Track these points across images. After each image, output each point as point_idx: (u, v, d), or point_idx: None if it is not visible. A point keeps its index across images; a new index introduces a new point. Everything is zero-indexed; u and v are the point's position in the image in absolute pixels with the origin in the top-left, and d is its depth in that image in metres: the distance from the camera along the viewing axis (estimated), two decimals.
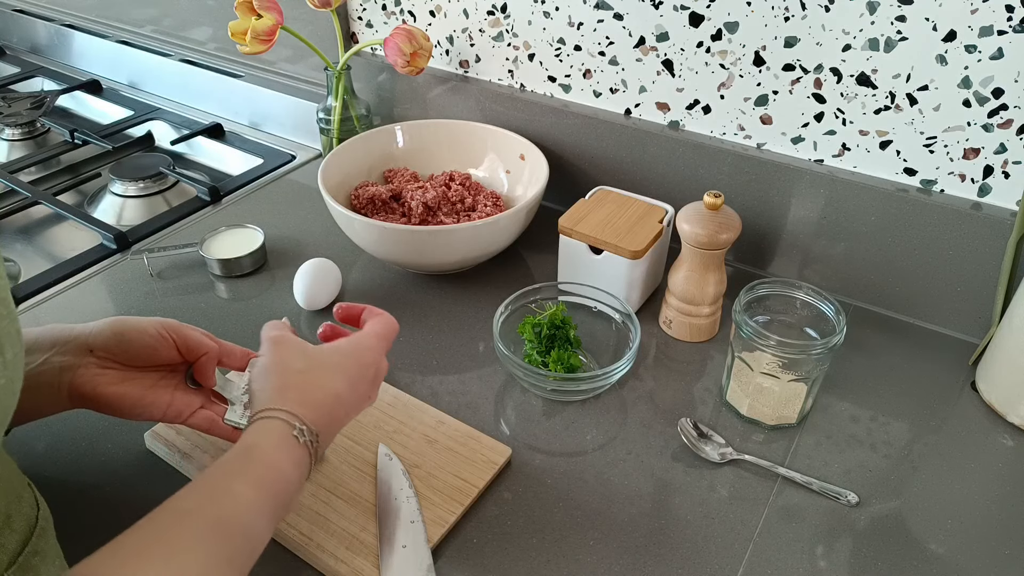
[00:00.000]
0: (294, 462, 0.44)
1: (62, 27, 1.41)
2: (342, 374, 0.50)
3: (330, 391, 0.49)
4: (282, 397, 0.47)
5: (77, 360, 0.53)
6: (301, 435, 0.45)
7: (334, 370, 0.50)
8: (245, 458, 0.43)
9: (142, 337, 0.54)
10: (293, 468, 0.44)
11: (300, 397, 0.47)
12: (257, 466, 0.42)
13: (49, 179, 1.08)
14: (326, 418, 0.47)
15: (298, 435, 0.45)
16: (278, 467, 0.43)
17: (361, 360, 0.52)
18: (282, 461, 0.43)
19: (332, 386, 0.49)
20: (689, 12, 0.78)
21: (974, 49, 0.67)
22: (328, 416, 0.48)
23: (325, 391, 0.49)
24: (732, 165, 0.82)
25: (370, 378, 0.52)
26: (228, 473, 0.42)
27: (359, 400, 0.52)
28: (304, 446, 0.45)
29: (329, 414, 0.48)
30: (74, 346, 0.53)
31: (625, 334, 0.72)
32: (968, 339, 0.77)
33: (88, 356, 0.53)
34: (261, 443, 0.44)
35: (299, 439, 0.44)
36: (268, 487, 0.42)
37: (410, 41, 0.89)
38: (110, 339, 0.54)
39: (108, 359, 0.54)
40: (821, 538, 0.58)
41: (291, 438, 0.44)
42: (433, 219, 0.85)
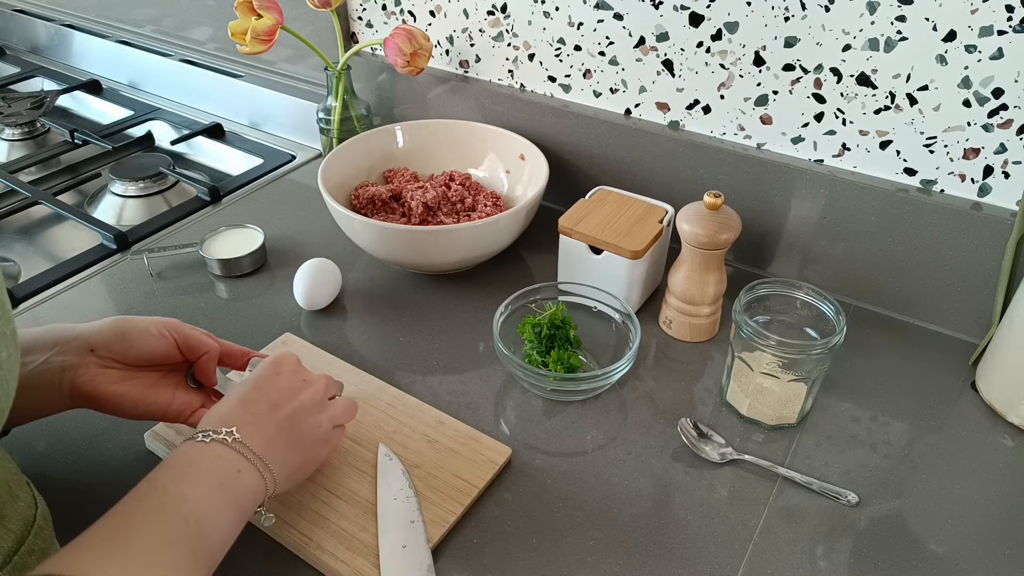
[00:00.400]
0: (217, 459, 0.48)
1: (62, 27, 1.41)
2: (246, 390, 0.54)
3: (234, 401, 0.52)
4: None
5: (78, 359, 0.53)
6: (206, 437, 0.48)
7: (237, 389, 0.54)
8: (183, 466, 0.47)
9: (143, 336, 0.55)
10: (209, 462, 0.47)
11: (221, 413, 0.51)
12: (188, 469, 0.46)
13: (49, 179, 1.08)
14: (242, 418, 0.51)
15: (203, 438, 0.48)
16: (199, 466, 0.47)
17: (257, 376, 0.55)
18: (204, 462, 0.47)
19: (237, 398, 0.53)
20: (689, 12, 0.78)
21: (974, 49, 0.67)
22: (244, 415, 0.51)
23: (229, 404, 0.52)
24: (732, 165, 0.82)
25: (270, 375, 0.55)
26: (172, 479, 0.45)
27: (269, 392, 0.54)
28: (215, 443, 0.48)
29: (243, 413, 0.51)
30: (75, 346, 0.53)
31: (625, 334, 0.72)
32: (968, 339, 0.77)
33: (89, 355, 0.54)
34: (189, 455, 0.48)
35: (205, 440, 0.48)
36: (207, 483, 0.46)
37: (410, 41, 0.89)
38: (111, 338, 0.54)
39: (109, 358, 0.54)
40: (821, 538, 0.58)
41: (204, 445, 0.48)
42: (433, 219, 0.85)
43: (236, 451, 0.48)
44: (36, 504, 0.48)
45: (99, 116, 1.30)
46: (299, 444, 0.53)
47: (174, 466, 0.46)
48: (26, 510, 0.46)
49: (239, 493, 0.47)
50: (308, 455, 0.54)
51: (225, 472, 0.47)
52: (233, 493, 0.46)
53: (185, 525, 0.42)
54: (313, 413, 0.54)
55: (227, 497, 0.46)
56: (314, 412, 0.54)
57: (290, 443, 0.52)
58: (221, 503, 0.45)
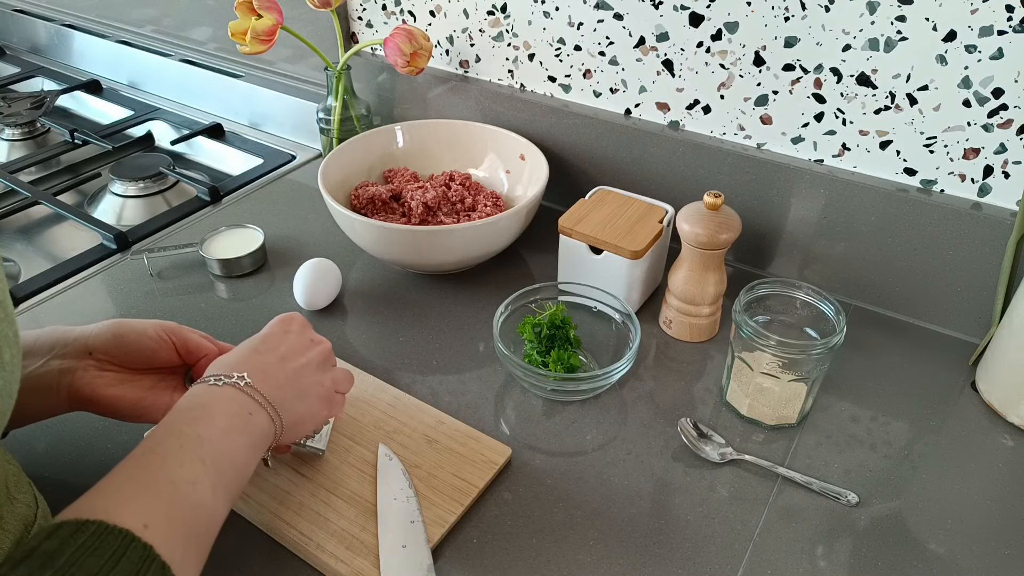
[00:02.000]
0: (230, 401, 0.49)
1: (62, 27, 1.41)
2: (256, 342, 0.55)
3: (245, 350, 0.54)
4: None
5: (76, 363, 0.53)
6: (219, 381, 0.50)
7: (247, 342, 0.56)
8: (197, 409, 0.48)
9: (141, 339, 0.55)
10: (223, 404, 0.49)
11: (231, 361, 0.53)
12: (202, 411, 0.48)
13: (49, 179, 1.08)
14: (253, 365, 0.52)
15: (216, 382, 0.50)
16: (215, 408, 0.48)
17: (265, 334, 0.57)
18: (216, 404, 0.49)
19: (247, 348, 0.54)
20: (689, 12, 0.78)
21: (974, 49, 0.67)
22: (254, 362, 0.53)
23: (239, 353, 0.54)
24: (732, 165, 0.82)
25: (279, 332, 0.57)
26: (185, 420, 0.47)
27: (278, 346, 0.55)
28: (228, 387, 0.50)
29: (253, 361, 0.53)
30: (73, 349, 0.54)
31: (625, 334, 0.72)
32: (968, 339, 0.77)
33: (87, 359, 0.54)
34: (203, 398, 0.49)
35: (218, 384, 0.50)
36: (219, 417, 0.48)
37: (410, 41, 0.89)
38: (109, 341, 0.54)
39: (107, 361, 0.55)
40: (821, 538, 0.58)
41: (217, 388, 0.50)
42: (433, 219, 0.85)
43: (247, 394, 0.49)
44: (36, 504, 0.48)
45: (99, 116, 1.30)
46: (304, 397, 0.54)
47: (189, 409, 0.47)
48: (25, 511, 0.46)
49: (251, 433, 0.49)
50: (311, 409, 0.55)
51: (238, 414, 0.48)
52: (246, 434, 0.48)
53: (203, 465, 0.44)
54: (318, 371, 0.56)
55: (240, 437, 0.47)
56: (319, 371, 0.56)
57: (296, 394, 0.53)
58: (235, 443, 0.47)
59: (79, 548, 0.35)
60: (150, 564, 0.37)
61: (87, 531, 0.36)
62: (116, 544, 0.36)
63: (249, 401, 0.49)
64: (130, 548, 0.36)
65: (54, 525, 0.36)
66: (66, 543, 0.35)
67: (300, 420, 0.54)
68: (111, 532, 0.36)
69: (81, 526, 0.36)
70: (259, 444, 0.49)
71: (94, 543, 0.36)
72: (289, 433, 0.53)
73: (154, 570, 0.37)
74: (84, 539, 0.36)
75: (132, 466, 0.42)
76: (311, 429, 0.57)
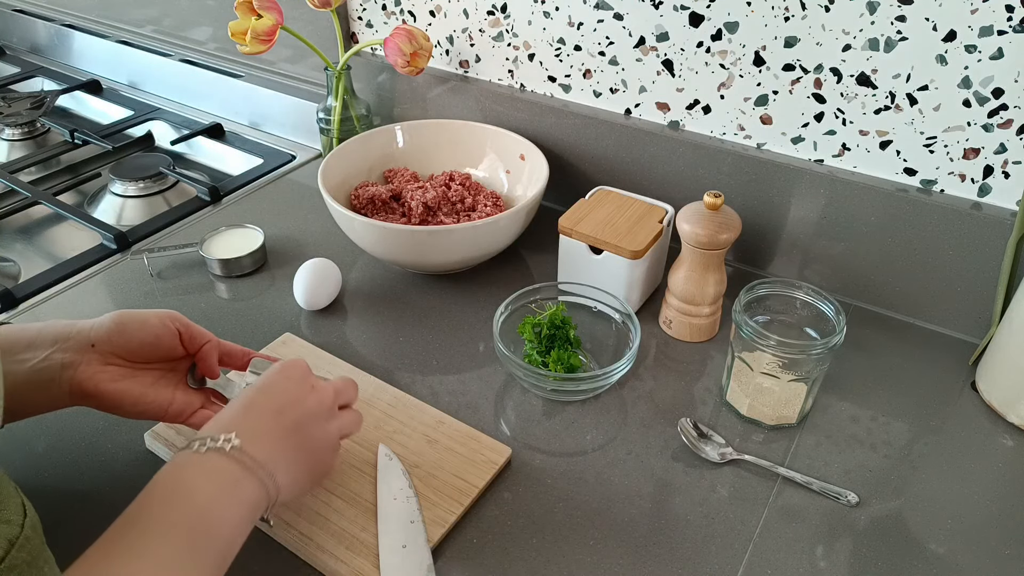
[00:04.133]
0: (213, 473, 0.46)
1: (62, 27, 1.41)
2: (251, 395, 0.52)
3: (238, 406, 0.51)
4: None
5: (79, 356, 0.53)
6: (203, 447, 0.46)
7: (244, 394, 0.52)
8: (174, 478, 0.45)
9: (143, 327, 0.54)
10: (205, 475, 0.45)
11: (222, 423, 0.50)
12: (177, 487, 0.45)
13: (49, 179, 1.08)
14: (244, 423, 0.49)
15: (199, 447, 0.46)
16: (193, 486, 0.45)
17: (265, 383, 0.53)
18: (196, 478, 0.45)
19: (241, 403, 0.51)
20: (689, 12, 0.78)
21: (974, 49, 0.67)
22: (246, 420, 0.50)
23: (233, 411, 0.51)
24: (732, 165, 0.82)
25: (279, 383, 0.53)
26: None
27: (275, 397, 0.52)
28: (211, 453, 0.46)
29: (245, 419, 0.50)
30: (76, 342, 0.53)
31: (625, 334, 0.72)
32: (968, 339, 0.77)
33: (90, 352, 0.53)
34: (184, 472, 0.46)
35: (201, 451, 0.46)
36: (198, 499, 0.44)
37: (410, 41, 0.89)
38: (112, 331, 0.54)
39: (110, 354, 0.54)
40: (821, 538, 0.58)
41: (197, 455, 0.46)
42: (433, 219, 0.85)
43: (235, 460, 0.46)
44: (25, 514, 0.47)
45: (99, 116, 1.30)
46: (305, 450, 0.51)
47: (164, 485, 0.45)
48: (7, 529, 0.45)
49: (239, 504, 0.45)
50: (315, 462, 0.52)
51: (221, 486, 0.45)
52: (231, 506, 0.45)
53: (177, 540, 0.42)
54: (319, 421, 0.52)
55: (225, 511, 0.45)
56: (320, 420, 0.52)
57: (296, 449, 0.50)
58: (219, 517, 0.44)
59: None
60: None
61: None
62: None
63: (236, 468, 0.46)
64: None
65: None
66: None
67: (302, 476, 0.51)
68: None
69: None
70: (248, 514, 0.46)
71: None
72: (291, 491, 0.50)
73: None
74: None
75: (103, 548, 0.40)
76: (319, 482, 0.54)
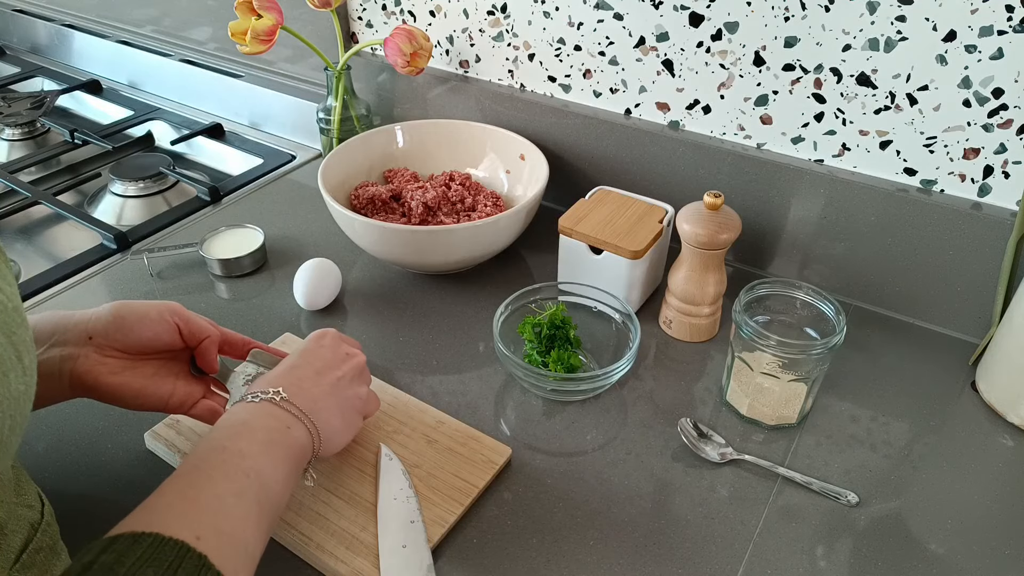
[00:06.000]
0: (268, 417, 0.50)
1: (62, 27, 1.41)
2: (293, 360, 0.57)
3: (282, 369, 0.55)
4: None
5: (77, 350, 0.53)
6: (255, 398, 0.51)
7: (285, 360, 0.57)
8: (238, 427, 0.49)
9: (142, 321, 0.54)
10: (260, 420, 0.50)
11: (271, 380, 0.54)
12: (245, 429, 0.48)
13: (49, 179, 1.08)
14: (288, 380, 0.54)
15: (253, 399, 0.51)
16: (256, 425, 0.49)
17: (305, 349, 0.58)
18: (256, 420, 0.49)
19: (284, 367, 0.56)
20: (689, 12, 0.78)
21: (974, 49, 0.67)
22: (290, 378, 0.54)
23: (277, 372, 0.55)
24: (732, 165, 0.82)
25: (315, 349, 0.57)
26: (229, 437, 0.48)
27: (313, 361, 0.56)
28: (264, 403, 0.51)
29: (289, 376, 0.54)
30: (73, 335, 0.53)
31: (625, 334, 0.72)
32: (968, 339, 0.77)
33: (88, 344, 0.53)
34: (242, 416, 0.50)
35: (255, 401, 0.51)
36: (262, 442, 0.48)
37: (410, 41, 0.89)
38: (110, 324, 0.54)
39: (108, 347, 0.54)
40: (821, 538, 0.58)
41: (255, 405, 0.51)
42: (433, 219, 0.85)
43: (284, 409, 0.50)
44: (42, 503, 0.48)
45: (99, 116, 1.30)
46: (341, 410, 0.55)
47: (230, 426, 0.48)
48: (31, 513, 0.46)
49: (290, 447, 0.49)
50: (348, 422, 0.56)
51: (276, 428, 0.49)
52: (284, 447, 0.49)
53: (247, 478, 0.44)
54: (354, 384, 0.57)
55: (280, 451, 0.48)
56: (355, 383, 0.57)
57: (334, 406, 0.54)
58: (276, 456, 0.47)
59: (137, 560, 0.35)
60: (206, 573, 0.37)
61: (143, 543, 0.36)
62: (172, 555, 0.37)
63: (286, 415, 0.50)
64: (186, 559, 0.37)
65: (109, 539, 0.37)
66: (124, 555, 0.35)
67: (337, 432, 0.54)
68: (166, 544, 0.37)
69: (137, 539, 0.37)
70: (299, 457, 0.50)
71: (151, 555, 0.36)
72: (327, 446, 0.54)
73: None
74: (141, 551, 0.36)
75: (179, 482, 0.43)
76: (347, 441, 0.57)
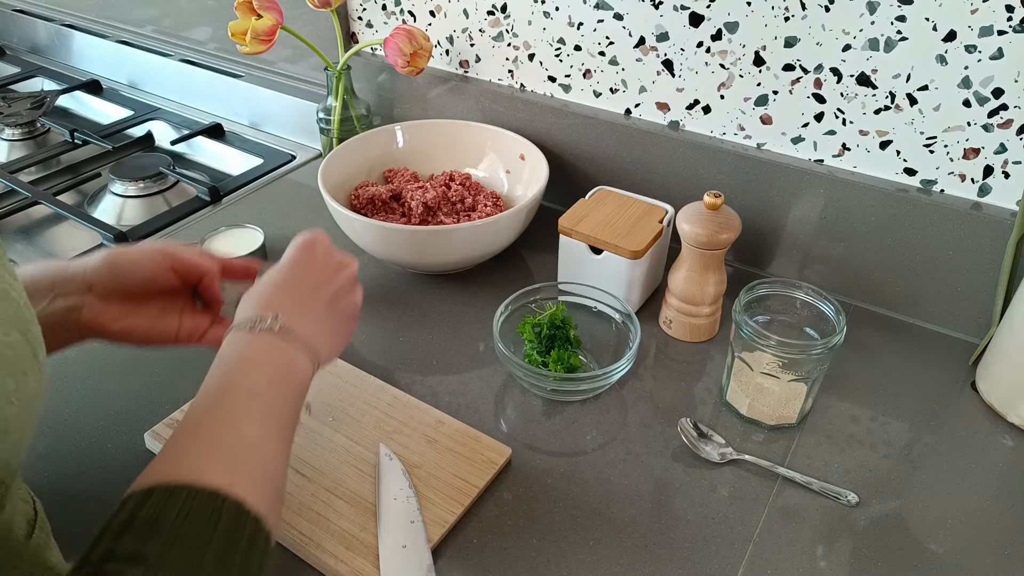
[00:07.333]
0: (272, 350, 0.47)
1: (62, 27, 1.41)
2: (284, 273, 0.53)
3: (274, 285, 0.52)
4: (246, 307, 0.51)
5: (80, 299, 0.53)
6: (253, 328, 0.48)
7: (275, 273, 0.53)
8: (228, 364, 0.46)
9: (136, 269, 0.54)
10: (265, 354, 0.47)
11: (258, 301, 0.50)
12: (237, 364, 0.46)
13: (49, 179, 1.08)
14: (284, 302, 0.50)
15: (250, 328, 0.48)
16: (252, 359, 0.47)
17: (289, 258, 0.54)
18: (262, 356, 0.47)
19: (275, 282, 0.52)
20: (689, 12, 0.78)
21: (974, 49, 0.67)
22: (286, 299, 0.50)
23: (268, 287, 0.51)
24: (732, 165, 0.82)
25: (303, 255, 0.54)
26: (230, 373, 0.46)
27: (309, 275, 0.53)
28: (264, 334, 0.47)
29: (285, 297, 0.51)
30: (74, 286, 0.53)
31: (625, 334, 0.72)
32: (968, 339, 0.77)
33: (89, 294, 0.53)
34: (245, 350, 0.47)
35: (253, 332, 0.47)
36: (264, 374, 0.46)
37: (410, 41, 0.89)
38: (106, 276, 0.54)
39: (109, 295, 0.54)
40: (821, 538, 0.58)
41: (255, 336, 0.47)
42: (433, 219, 0.85)
43: (286, 341, 0.48)
44: (33, 500, 0.48)
45: (99, 116, 1.30)
46: (338, 323, 0.53)
47: (235, 362, 0.46)
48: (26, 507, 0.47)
49: (297, 381, 0.47)
50: (346, 332, 0.55)
51: (282, 362, 0.47)
52: (290, 381, 0.47)
53: (262, 418, 0.44)
54: (349, 294, 0.55)
55: (286, 386, 0.47)
56: (350, 292, 0.55)
57: (332, 322, 0.53)
58: (284, 392, 0.46)
59: (178, 514, 0.35)
60: (245, 519, 0.37)
61: (180, 496, 0.36)
62: (211, 505, 0.36)
63: (289, 347, 0.48)
64: (224, 507, 0.37)
65: (142, 493, 0.36)
66: (163, 510, 0.35)
67: (335, 348, 0.54)
68: (202, 494, 0.36)
69: (172, 491, 0.36)
70: (302, 390, 0.48)
71: (190, 507, 0.36)
72: (327, 361, 0.52)
73: (250, 524, 0.37)
74: (180, 504, 0.36)
75: (197, 427, 0.42)
76: (343, 350, 0.56)
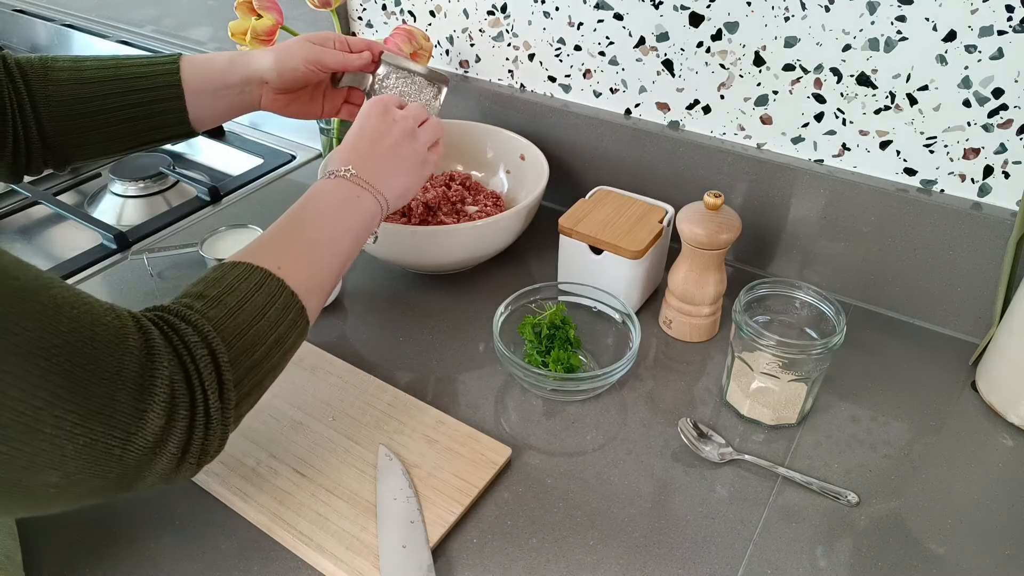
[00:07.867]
0: (341, 189, 0.61)
1: (62, 27, 1.41)
2: (350, 138, 0.65)
3: (346, 146, 0.64)
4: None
5: (259, 91, 0.72)
6: (331, 176, 0.61)
7: (351, 132, 0.66)
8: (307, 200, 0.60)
9: (295, 74, 0.70)
10: (334, 191, 0.60)
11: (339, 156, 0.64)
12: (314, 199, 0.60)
13: (49, 179, 1.08)
14: (353, 157, 0.63)
15: (329, 176, 0.61)
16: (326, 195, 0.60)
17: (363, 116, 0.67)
18: (334, 192, 0.60)
19: (347, 144, 0.65)
20: (689, 12, 0.78)
21: (974, 49, 0.67)
22: (353, 155, 0.63)
23: (344, 149, 0.64)
24: (732, 165, 0.82)
25: (378, 113, 0.66)
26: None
27: (368, 133, 0.65)
28: (337, 179, 0.61)
29: (353, 154, 0.63)
30: (256, 83, 0.71)
31: (625, 334, 0.72)
32: (968, 339, 0.77)
33: (265, 87, 0.72)
34: (321, 188, 0.61)
35: (330, 179, 0.61)
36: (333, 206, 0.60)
37: (410, 41, 0.89)
38: (275, 79, 0.70)
39: (277, 90, 0.72)
40: (821, 538, 0.58)
41: (331, 181, 0.61)
42: (433, 219, 0.85)
43: (353, 183, 0.61)
44: None
45: None
46: (402, 168, 0.64)
47: (310, 196, 0.59)
48: None
49: (361, 211, 0.60)
50: (412, 177, 0.65)
51: (348, 198, 0.60)
52: (355, 211, 0.60)
53: (320, 231, 0.57)
54: (408, 142, 0.65)
55: (350, 214, 0.60)
56: (408, 141, 0.65)
57: (394, 168, 0.64)
58: (346, 218, 0.59)
59: (236, 278, 0.49)
60: (281, 291, 0.51)
61: (239, 268, 0.50)
62: (259, 276, 0.50)
63: (355, 187, 0.60)
64: (268, 280, 0.50)
65: (216, 265, 0.51)
66: (226, 273, 0.50)
67: (404, 190, 0.64)
68: (255, 269, 0.51)
69: (235, 265, 0.51)
70: (369, 220, 0.60)
71: (245, 274, 0.50)
72: (398, 201, 0.64)
73: (285, 296, 0.51)
74: (238, 272, 0.50)
75: (271, 233, 0.56)
76: (417, 191, 0.68)
